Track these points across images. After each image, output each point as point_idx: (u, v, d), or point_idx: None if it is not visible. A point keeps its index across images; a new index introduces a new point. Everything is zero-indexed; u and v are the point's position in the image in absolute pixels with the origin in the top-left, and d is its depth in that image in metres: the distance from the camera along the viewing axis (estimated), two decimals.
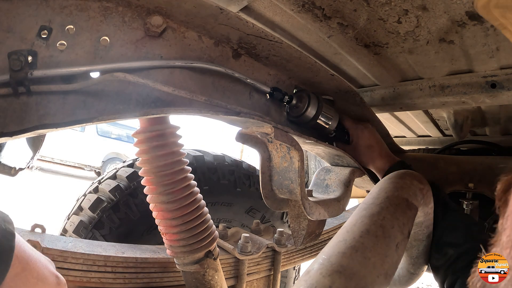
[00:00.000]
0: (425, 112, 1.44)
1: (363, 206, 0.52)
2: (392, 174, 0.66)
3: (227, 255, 1.09)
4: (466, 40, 0.79)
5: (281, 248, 1.21)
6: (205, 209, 0.86)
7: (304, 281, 0.37)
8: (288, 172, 0.74)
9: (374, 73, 1.08)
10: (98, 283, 0.85)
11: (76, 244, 0.87)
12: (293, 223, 0.84)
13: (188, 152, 1.38)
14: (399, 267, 0.76)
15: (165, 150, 0.76)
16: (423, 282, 3.75)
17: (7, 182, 4.63)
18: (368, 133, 0.96)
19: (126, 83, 0.53)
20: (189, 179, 0.82)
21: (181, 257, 0.85)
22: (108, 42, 0.52)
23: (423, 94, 1.05)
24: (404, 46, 0.87)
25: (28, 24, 0.45)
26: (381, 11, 0.73)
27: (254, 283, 1.21)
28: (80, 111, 0.49)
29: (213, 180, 1.36)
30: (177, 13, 0.57)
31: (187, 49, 0.61)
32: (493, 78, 0.91)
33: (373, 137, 0.96)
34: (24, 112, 0.45)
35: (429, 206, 0.66)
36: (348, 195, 0.92)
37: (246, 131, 0.75)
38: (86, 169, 8.34)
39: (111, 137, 9.02)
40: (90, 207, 1.17)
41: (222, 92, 0.67)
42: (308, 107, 0.80)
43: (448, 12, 0.69)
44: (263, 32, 0.64)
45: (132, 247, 0.96)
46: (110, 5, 0.52)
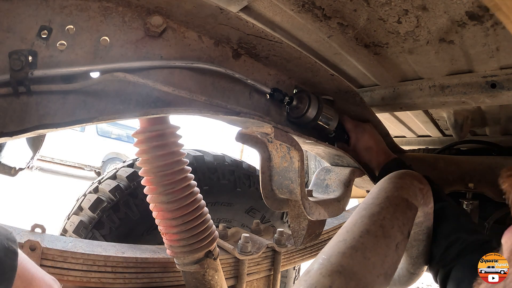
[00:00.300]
0: (425, 112, 1.44)
1: (363, 206, 0.52)
2: (392, 174, 0.66)
3: (227, 255, 1.09)
4: (466, 40, 0.79)
5: (281, 248, 1.21)
6: (205, 209, 0.86)
7: (304, 281, 0.37)
8: (288, 172, 0.74)
9: (374, 73, 1.08)
10: (98, 283, 0.85)
11: (76, 244, 0.87)
12: (293, 223, 0.84)
13: (188, 152, 1.38)
14: (399, 267, 0.76)
15: (165, 150, 0.76)
16: (423, 282, 3.75)
17: (7, 182, 4.63)
18: (367, 134, 0.96)
19: (126, 83, 0.53)
20: (189, 179, 0.82)
21: (181, 257, 0.85)
22: (108, 42, 0.52)
23: (423, 94, 1.05)
24: (404, 46, 0.87)
25: (28, 24, 0.45)
26: (381, 11, 0.73)
27: (254, 283, 1.21)
28: (80, 111, 0.49)
29: (213, 180, 1.36)
30: (177, 13, 0.57)
31: (187, 49, 0.61)
32: (493, 78, 0.91)
33: (372, 139, 0.97)
34: (24, 112, 0.45)
35: (429, 206, 0.66)
36: (348, 195, 0.92)
37: (246, 131, 0.75)
38: (86, 169, 8.34)
39: (111, 137, 9.02)
40: (90, 207, 1.17)
41: (222, 92, 0.67)
42: (308, 109, 0.80)
43: (448, 12, 0.69)
44: (263, 32, 0.64)
45: (132, 247, 0.96)
46: (110, 5, 0.52)
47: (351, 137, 0.97)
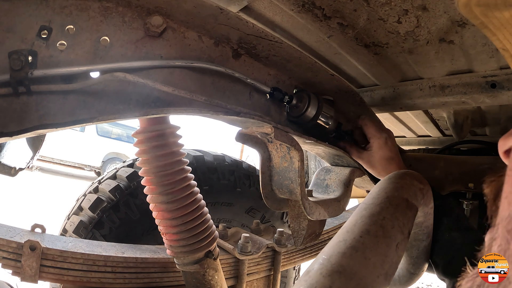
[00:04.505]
0: (425, 112, 1.44)
1: (363, 206, 0.52)
2: (392, 174, 0.66)
3: (227, 255, 1.09)
4: (466, 40, 0.79)
5: (281, 248, 1.21)
6: (205, 209, 0.86)
7: (304, 281, 0.37)
8: (288, 172, 0.74)
9: (374, 73, 1.08)
10: (98, 283, 0.85)
11: (76, 244, 0.87)
12: (293, 223, 0.84)
13: (188, 152, 1.38)
14: (399, 267, 0.76)
15: (165, 150, 0.76)
16: (423, 282, 3.75)
17: (7, 182, 4.63)
18: (391, 144, 0.90)
19: (126, 83, 0.53)
20: (189, 179, 0.82)
21: (181, 257, 0.85)
22: (108, 42, 0.52)
23: (423, 94, 1.05)
24: (404, 46, 0.87)
25: (28, 24, 0.45)
26: (381, 11, 0.73)
27: (254, 283, 1.21)
28: (80, 111, 0.49)
29: (213, 180, 1.36)
30: (177, 13, 0.57)
31: (187, 49, 0.61)
32: (493, 78, 0.91)
33: (394, 149, 0.90)
34: (24, 112, 0.45)
35: (429, 206, 0.66)
36: (348, 195, 0.92)
37: (246, 131, 0.75)
38: (86, 169, 8.34)
39: (111, 137, 9.02)
40: (90, 207, 1.17)
41: (222, 92, 0.67)
42: (308, 107, 0.80)
43: (448, 12, 0.69)
44: (263, 32, 0.64)
45: (132, 247, 0.96)
46: (110, 5, 0.52)
47: (372, 145, 0.89)
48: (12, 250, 0.76)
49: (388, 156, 0.88)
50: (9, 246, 0.76)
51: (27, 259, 0.77)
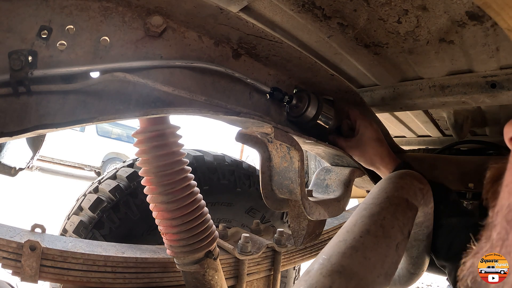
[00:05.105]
0: (425, 112, 1.44)
1: (363, 206, 0.52)
2: (392, 174, 0.66)
3: (227, 255, 1.09)
4: (466, 40, 0.79)
5: (281, 248, 1.21)
6: (205, 209, 0.86)
7: (304, 281, 0.37)
8: (288, 172, 0.74)
9: (374, 73, 1.08)
10: (98, 283, 0.85)
11: (76, 244, 0.87)
12: (293, 223, 0.84)
13: (188, 152, 1.38)
14: (399, 267, 0.76)
15: (165, 150, 0.76)
16: (423, 282, 3.75)
17: (7, 182, 4.63)
18: (376, 126, 0.90)
19: (126, 83, 0.53)
20: (189, 179, 0.82)
21: (181, 257, 0.85)
22: (108, 42, 0.52)
23: (423, 94, 1.05)
24: (404, 46, 0.87)
25: (28, 24, 0.45)
26: (381, 11, 0.73)
27: (254, 283, 1.21)
28: (80, 111, 0.49)
29: (213, 180, 1.36)
30: (177, 13, 0.57)
31: (187, 49, 0.61)
32: (493, 78, 0.91)
33: (380, 132, 0.90)
34: (24, 112, 0.45)
35: (429, 206, 0.66)
36: (348, 195, 0.92)
37: (246, 131, 0.75)
38: (86, 169, 8.34)
39: (111, 137, 9.02)
40: (90, 207, 1.17)
41: (222, 92, 0.67)
42: (308, 107, 0.80)
43: (448, 12, 0.69)
44: (263, 32, 0.64)
45: (132, 247, 0.96)
46: (110, 5, 0.52)
47: (358, 127, 0.88)
48: (12, 250, 0.76)
49: (376, 137, 0.88)
50: (9, 246, 0.76)
51: (27, 259, 0.77)
